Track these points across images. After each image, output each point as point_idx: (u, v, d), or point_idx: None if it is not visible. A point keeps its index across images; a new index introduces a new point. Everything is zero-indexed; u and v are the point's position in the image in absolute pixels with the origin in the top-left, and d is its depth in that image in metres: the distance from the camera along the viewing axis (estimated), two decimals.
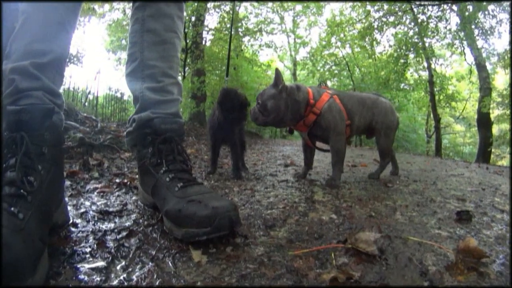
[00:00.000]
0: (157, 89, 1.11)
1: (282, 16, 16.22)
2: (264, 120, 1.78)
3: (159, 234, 0.88)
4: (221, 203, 0.84)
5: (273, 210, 1.19)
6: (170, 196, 0.92)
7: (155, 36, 1.11)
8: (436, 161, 4.86)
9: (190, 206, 0.84)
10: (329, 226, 1.01)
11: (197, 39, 9.29)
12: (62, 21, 0.91)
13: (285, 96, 1.73)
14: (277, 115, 1.74)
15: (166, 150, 1.03)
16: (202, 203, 0.83)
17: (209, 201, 0.84)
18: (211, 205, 0.82)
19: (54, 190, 0.82)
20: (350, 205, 1.32)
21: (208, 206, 0.81)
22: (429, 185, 1.96)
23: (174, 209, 0.86)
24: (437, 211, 1.27)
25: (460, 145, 20.47)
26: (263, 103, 1.75)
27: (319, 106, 1.78)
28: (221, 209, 0.81)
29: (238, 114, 1.96)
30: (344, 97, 1.93)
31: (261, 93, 1.80)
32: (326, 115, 1.78)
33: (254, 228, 0.97)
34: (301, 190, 1.62)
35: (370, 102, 2.05)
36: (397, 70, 11.88)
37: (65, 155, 2.10)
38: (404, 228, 1.02)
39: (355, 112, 1.94)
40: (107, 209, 1.09)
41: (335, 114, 1.80)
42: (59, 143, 0.88)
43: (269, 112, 1.74)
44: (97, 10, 9.57)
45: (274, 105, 1.72)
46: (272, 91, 1.74)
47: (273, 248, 0.81)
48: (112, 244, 0.78)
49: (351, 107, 1.92)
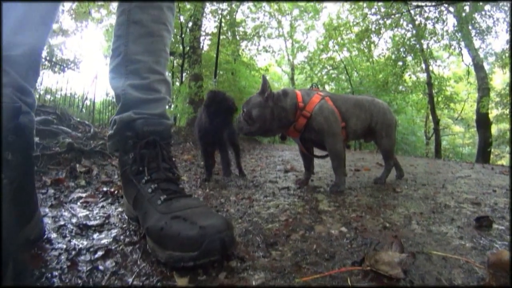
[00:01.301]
0: (141, 86, 0.98)
1: (280, 21, 16.20)
2: (249, 129, 1.69)
3: (140, 255, 0.75)
4: (211, 221, 0.70)
5: (274, 224, 1.05)
6: (152, 211, 0.79)
7: (142, 28, 0.99)
8: (439, 163, 4.76)
9: (174, 224, 0.70)
10: (340, 242, 0.88)
11: (194, 44, 9.20)
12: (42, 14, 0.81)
13: (271, 104, 1.64)
14: (263, 124, 1.65)
15: (149, 156, 0.89)
16: (188, 221, 0.69)
17: (197, 218, 0.71)
18: (199, 224, 0.68)
19: (21, 202, 0.71)
20: (360, 215, 1.18)
21: (195, 225, 0.67)
22: (439, 189, 1.85)
23: (155, 227, 0.72)
24: (454, 218, 1.16)
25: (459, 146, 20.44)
26: (248, 111, 1.66)
27: (309, 108, 1.68)
28: (210, 229, 0.67)
29: (223, 119, 1.89)
30: (337, 99, 1.83)
31: (246, 101, 1.72)
32: (318, 117, 1.67)
33: (252, 247, 0.82)
34: (304, 199, 1.49)
35: (367, 104, 1.95)
36: (395, 72, 11.88)
37: (52, 162, 1.98)
38: (424, 240, 0.90)
39: (351, 115, 1.83)
40: (88, 222, 0.97)
41: (327, 115, 1.69)
42: (28, 148, 0.77)
43: (254, 121, 1.65)
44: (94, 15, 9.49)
45: (259, 113, 1.63)
46: (258, 99, 1.65)
47: (276, 274, 0.67)
48: (85, 267, 0.67)
49: (346, 109, 1.82)
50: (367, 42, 12.67)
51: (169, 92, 1.08)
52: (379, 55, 13.48)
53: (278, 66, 21.20)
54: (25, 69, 0.78)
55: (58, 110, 3.68)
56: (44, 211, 1.06)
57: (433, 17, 10.56)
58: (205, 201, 1.42)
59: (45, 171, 1.80)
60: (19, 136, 0.71)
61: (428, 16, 10.58)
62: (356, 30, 12.52)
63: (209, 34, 10.31)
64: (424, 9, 10.38)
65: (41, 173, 1.76)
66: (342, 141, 1.74)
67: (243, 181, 2.05)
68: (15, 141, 0.69)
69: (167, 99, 1.05)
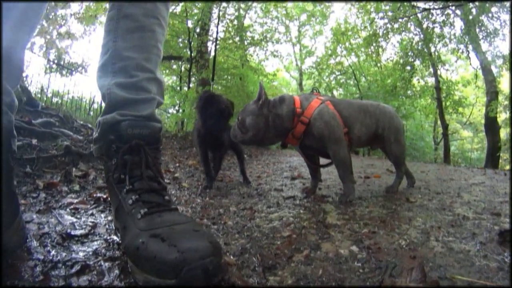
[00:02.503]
0: (128, 85, 0.88)
1: (287, 26, 16.16)
2: (242, 137, 1.61)
3: (118, 273, 0.66)
4: (194, 243, 0.60)
5: (275, 241, 0.94)
6: (131, 225, 0.70)
7: (132, 22, 0.91)
8: (450, 169, 4.59)
9: (151, 244, 0.61)
10: (350, 266, 0.76)
11: (202, 49, 9.19)
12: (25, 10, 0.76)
13: (266, 112, 1.56)
14: (257, 133, 1.57)
15: (132, 162, 0.79)
16: (167, 242, 0.60)
17: (178, 239, 0.61)
18: (180, 247, 0.58)
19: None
20: (373, 230, 1.06)
21: (175, 248, 0.58)
22: (454, 198, 1.73)
23: (132, 246, 0.64)
24: (475, 232, 1.05)
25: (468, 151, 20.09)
26: (242, 119, 1.59)
27: (308, 114, 1.58)
28: (192, 254, 0.57)
29: (217, 121, 1.81)
30: (339, 103, 1.72)
31: (243, 109, 1.65)
32: (317, 122, 1.57)
33: (247, 270, 0.71)
34: (310, 210, 1.38)
35: (372, 109, 1.84)
36: (403, 77, 11.73)
37: (48, 165, 1.90)
38: (446, 261, 0.79)
39: (354, 120, 1.72)
40: (72, 231, 0.90)
41: (328, 119, 1.59)
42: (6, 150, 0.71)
43: (247, 129, 1.58)
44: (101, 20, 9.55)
45: (253, 121, 1.56)
46: (253, 106, 1.59)
47: None
48: (57, 282, 0.62)
49: (349, 114, 1.70)
50: (375, 47, 12.55)
51: (161, 92, 0.99)
52: (387, 60, 13.35)
53: (286, 71, 21.16)
54: (5, 68, 0.72)
55: (62, 112, 3.62)
56: (30, 217, 1.02)
57: (440, 20, 10.39)
58: (202, 211, 1.32)
59: (39, 174, 1.73)
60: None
61: (435, 19, 10.41)
62: (363, 35, 12.43)
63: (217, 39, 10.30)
64: (431, 13, 10.22)
65: (35, 176, 1.68)
66: (346, 147, 1.63)
67: (247, 188, 1.96)
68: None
69: (157, 100, 0.95)
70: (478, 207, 1.47)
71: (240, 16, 10.77)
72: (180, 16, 8.95)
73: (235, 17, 10.31)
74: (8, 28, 0.72)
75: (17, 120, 2.37)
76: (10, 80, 0.75)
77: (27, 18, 0.77)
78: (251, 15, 11.85)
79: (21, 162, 1.75)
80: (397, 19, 10.75)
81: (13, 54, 0.75)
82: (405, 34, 11.82)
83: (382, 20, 11.25)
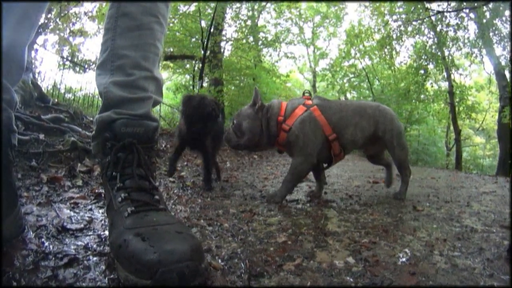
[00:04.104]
0: (125, 84, 0.88)
1: (301, 27, 16.08)
2: (238, 141, 1.62)
3: (103, 268, 0.67)
4: (174, 246, 0.59)
5: (269, 246, 0.91)
6: (117, 223, 0.70)
7: (130, 21, 0.90)
8: (461, 176, 4.48)
9: (132, 243, 0.61)
10: (342, 279, 0.72)
11: (215, 49, 9.22)
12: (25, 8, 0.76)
13: (260, 116, 1.58)
14: (252, 137, 1.59)
15: (124, 160, 0.80)
16: (147, 242, 0.60)
17: (159, 239, 0.61)
18: (158, 248, 0.58)
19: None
20: (374, 240, 1.01)
21: (153, 248, 0.58)
22: (463, 207, 1.67)
23: (115, 243, 0.64)
24: (483, 246, 0.99)
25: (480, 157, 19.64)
26: (238, 123, 1.61)
27: (290, 122, 1.58)
28: (169, 257, 0.56)
29: (202, 126, 1.76)
30: (329, 108, 1.68)
31: (237, 113, 1.66)
32: (296, 133, 1.56)
33: (233, 276, 0.69)
34: (312, 215, 1.34)
35: (371, 111, 1.78)
36: (417, 81, 11.55)
37: (53, 160, 1.92)
38: (448, 279, 0.74)
39: (347, 124, 1.68)
40: (68, 225, 0.92)
41: (306, 132, 1.57)
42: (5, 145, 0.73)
43: (243, 133, 1.59)
44: None
45: (249, 125, 1.58)
46: (249, 110, 1.61)
47: None
48: (45, 273, 0.64)
49: (340, 119, 1.67)
50: (389, 49, 12.41)
51: (159, 91, 0.99)
52: (400, 63, 13.20)
53: (300, 73, 21.10)
54: (6, 65, 0.73)
55: (72, 108, 3.67)
56: (30, 209, 1.04)
57: (454, 23, 10.20)
58: (200, 211, 1.31)
59: (44, 168, 1.74)
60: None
61: (449, 22, 10.21)
62: (377, 37, 12.30)
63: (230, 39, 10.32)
64: (445, 15, 10.03)
65: (40, 170, 1.70)
66: (310, 164, 1.62)
67: (251, 190, 1.94)
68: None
69: (153, 98, 0.95)
70: (487, 219, 1.41)
71: (254, 17, 10.76)
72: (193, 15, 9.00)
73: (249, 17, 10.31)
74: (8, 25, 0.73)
75: (26, 115, 2.41)
76: (10, 78, 0.76)
77: (27, 16, 0.77)
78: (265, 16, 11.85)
79: (27, 156, 1.77)
80: (411, 22, 10.60)
81: (13, 51, 0.76)
82: (418, 37, 11.68)
83: (396, 23, 11.12)
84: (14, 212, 0.74)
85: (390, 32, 11.25)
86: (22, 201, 1.12)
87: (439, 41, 10.66)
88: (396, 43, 11.78)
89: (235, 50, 10.43)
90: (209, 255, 0.79)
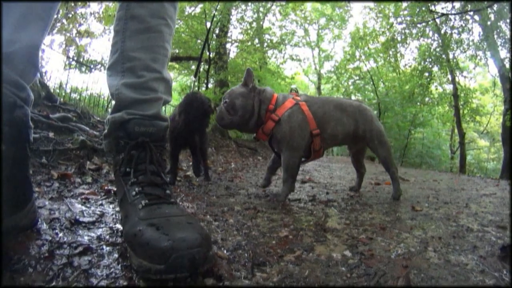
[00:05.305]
0: (136, 85, 0.93)
1: (307, 29, 16.11)
2: (230, 119, 1.66)
3: (116, 256, 0.72)
4: (185, 234, 0.65)
5: (271, 240, 0.97)
6: (132, 214, 0.75)
7: (139, 23, 0.95)
8: (463, 179, 4.49)
9: (147, 232, 0.66)
10: (338, 270, 0.77)
11: (220, 50, 9.27)
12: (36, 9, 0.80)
13: (253, 96, 1.64)
14: (244, 115, 1.63)
15: (138, 157, 0.85)
16: (161, 231, 0.65)
17: (172, 229, 0.66)
18: (171, 236, 0.63)
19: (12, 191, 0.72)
20: (371, 236, 1.06)
21: (166, 237, 0.63)
22: (462, 208, 1.70)
23: (130, 232, 0.70)
24: (477, 245, 1.03)
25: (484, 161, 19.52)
26: (231, 101, 1.65)
27: (279, 113, 1.63)
28: (181, 243, 0.62)
29: (200, 122, 1.89)
30: (315, 103, 1.75)
31: (229, 92, 1.70)
32: (283, 125, 1.61)
33: (237, 265, 0.75)
34: (313, 213, 1.39)
35: (351, 109, 1.85)
36: (421, 83, 11.54)
37: (63, 157, 1.98)
38: (439, 273, 0.78)
39: (329, 119, 1.75)
40: (80, 218, 0.96)
41: (293, 125, 1.62)
42: (22, 140, 0.77)
43: (236, 111, 1.63)
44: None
45: (242, 103, 1.63)
46: (241, 89, 1.66)
47: None
48: (60, 260, 0.68)
49: (323, 114, 1.73)
50: (394, 52, 12.39)
51: (168, 91, 1.03)
52: (405, 66, 13.17)
53: (305, 74, 21.12)
54: (22, 65, 0.78)
55: (79, 108, 3.74)
56: (43, 203, 1.08)
57: (458, 26, 10.20)
58: (207, 208, 1.35)
59: (54, 165, 1.80)
60: (13, 129, 0.73)
61: (454, 25, 10.22)
62: (382, 40, 12.29)
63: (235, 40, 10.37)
64: (449, 18, 10.01)
65: (50, 167, 1.76)
66: (299, 157, 1.67)
67: (255, 189, 1.99)
68: (9, 133, 0.71)
69: (163, 99, 1.00)
70: (484, 219, 1.45)
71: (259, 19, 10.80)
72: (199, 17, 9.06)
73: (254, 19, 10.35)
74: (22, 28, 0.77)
75: (35, 114, 2.48)
76: (26, 77, 0.80)
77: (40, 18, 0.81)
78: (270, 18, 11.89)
79: (37, 153, 1.82)
80: (415, 24, 10.58)
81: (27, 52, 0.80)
82: (423, 40, 11.66)
83: (401, 25, 11.11)
84: (29, 205, 0.78)
85: (394, 34, 11.24)
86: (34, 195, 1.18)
87: (443, 43, 10.64)
88: (400, 46, 11.77)
89: (241, 52, 10.47)
90: (215, 246, 0.84)
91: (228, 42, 10.04)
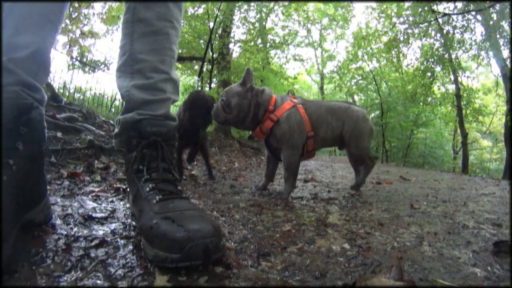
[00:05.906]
0: (145, 86, 0.98)
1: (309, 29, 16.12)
2: (225, 117, 1.72)
3: (131, 248, 0.77)
4: (199, 225, 0.71)
5: (275, 234, 1.02)
6: (146, 209, 0.80)
7: (146, 26, 0.99)
8: (464, 179, 4.52)
9: (163, 225, 0.71)
10: (337, 260, 0.83)
11: (223, 50, 9.32)
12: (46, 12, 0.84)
13: (250, 96, 1.68)
14: (239, 114, 1.69)
15: (150, 156, 0.90)
16: (176, 223, 0.71)
17: (186, 221, 0.72)
18: (186, 227, 0.69)
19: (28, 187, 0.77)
20: (369, 231, 1.12)
21: (182, 228, 0.69)
22: (459, 207, 1.75)
23: (146, 225, 0.75)
24: (471, 240, 1.08)
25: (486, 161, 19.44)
26: (227, 100, 1.70)
27: (278, 113, 1.69)
28: (196, 234, 0.67)
29: (204, 119, 1.96)
30: (310, 106, 1.82)
31: (226, 90, 1.76)
32: (283, 125, 1.68)
33: (244, 255, 0.81)
34: (314, 210, 1.45)
35: (340, 111, 1.92)
36: (424, 83, 11.53)
37: (72, 156, 2.04)
38: (432, 265, 0.83)
39: (321, 123, 1.82)
40: (93, 214, 1.01)
41: (292, 125, 1.69)
42: (38, 139, 0.82)
43: (231, 110, 1.69)
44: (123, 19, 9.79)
45: (238, 102, 1.68)
46: (239, 89, 1.70)
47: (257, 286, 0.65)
48: (77, 252, 0.72)
49: (317, 117, 1.81)
50: (396, 52, 12.40)
51: (176, 91, 1.08)
52: (407, 65, 13.14)
53: (308, 74, 21.15)
54: (34, 68, 0.82)
55: (85, 108, 3.81)
56: (55, 200, 1.12)
57: (460, 25, 10.19)
58: (213, 205, 1.41)
59: (63, 164, 1.85)
60: (30, 129, 0.76)
61: (456, 25, 10.21)
62: (384, 40, 12.29)
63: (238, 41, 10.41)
64: (451, 18, 10.01)
65: (60, 165, 1.81)
66: (299, 155, 1.74)
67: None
68: (26, 133, 0.75)
69: (171, 99, 1.05)
70: (480, 217, 1.49)
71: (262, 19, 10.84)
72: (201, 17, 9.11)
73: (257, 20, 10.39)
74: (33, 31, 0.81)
75: None
76: (38, 78, 0.84)
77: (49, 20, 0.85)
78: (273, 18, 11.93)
79: (46, 152, 1.87)
80: (417, 24, 10.58)
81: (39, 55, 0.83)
82: (425, 40, 11.64)
83: (403, 25, 11.11)
84: (44, 201, 0.83)
85: (397, 34, 11.26)
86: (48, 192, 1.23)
87: (446, 43, 10.63)
88: (403, 46, 11.78)
89: (243, 52, 10.52)
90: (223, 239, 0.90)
91: (231, 42, 10.09)
